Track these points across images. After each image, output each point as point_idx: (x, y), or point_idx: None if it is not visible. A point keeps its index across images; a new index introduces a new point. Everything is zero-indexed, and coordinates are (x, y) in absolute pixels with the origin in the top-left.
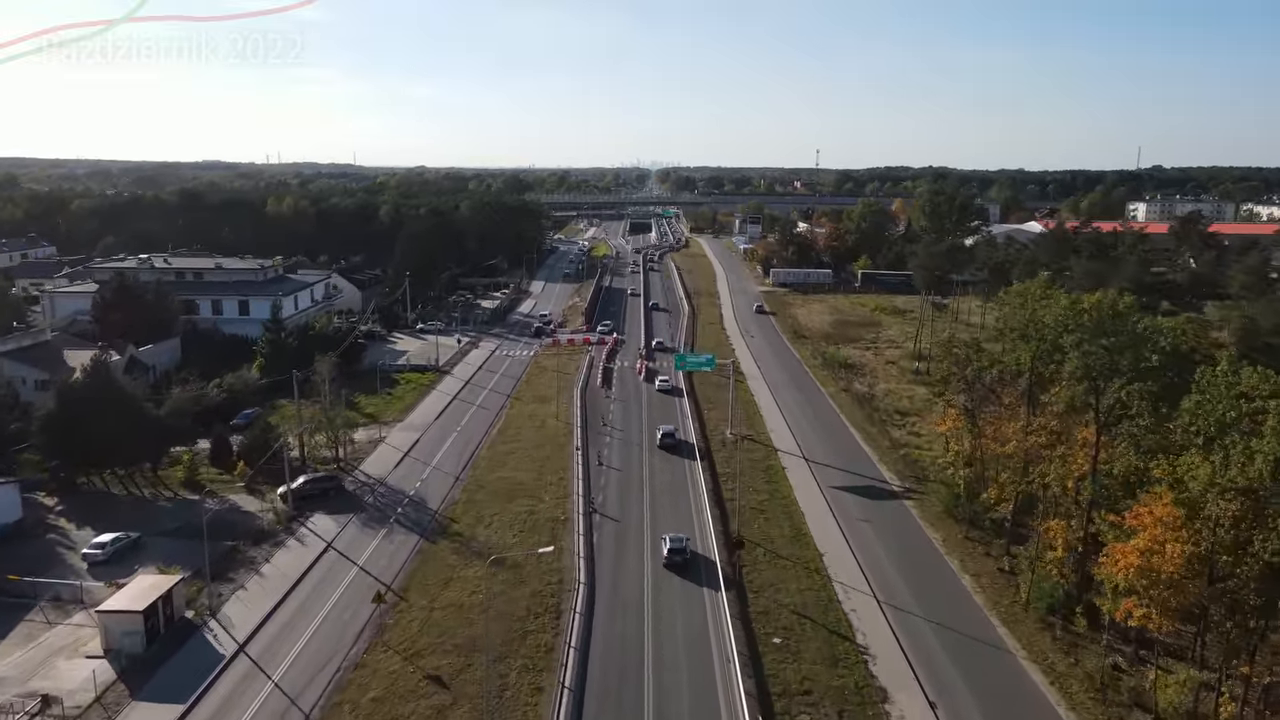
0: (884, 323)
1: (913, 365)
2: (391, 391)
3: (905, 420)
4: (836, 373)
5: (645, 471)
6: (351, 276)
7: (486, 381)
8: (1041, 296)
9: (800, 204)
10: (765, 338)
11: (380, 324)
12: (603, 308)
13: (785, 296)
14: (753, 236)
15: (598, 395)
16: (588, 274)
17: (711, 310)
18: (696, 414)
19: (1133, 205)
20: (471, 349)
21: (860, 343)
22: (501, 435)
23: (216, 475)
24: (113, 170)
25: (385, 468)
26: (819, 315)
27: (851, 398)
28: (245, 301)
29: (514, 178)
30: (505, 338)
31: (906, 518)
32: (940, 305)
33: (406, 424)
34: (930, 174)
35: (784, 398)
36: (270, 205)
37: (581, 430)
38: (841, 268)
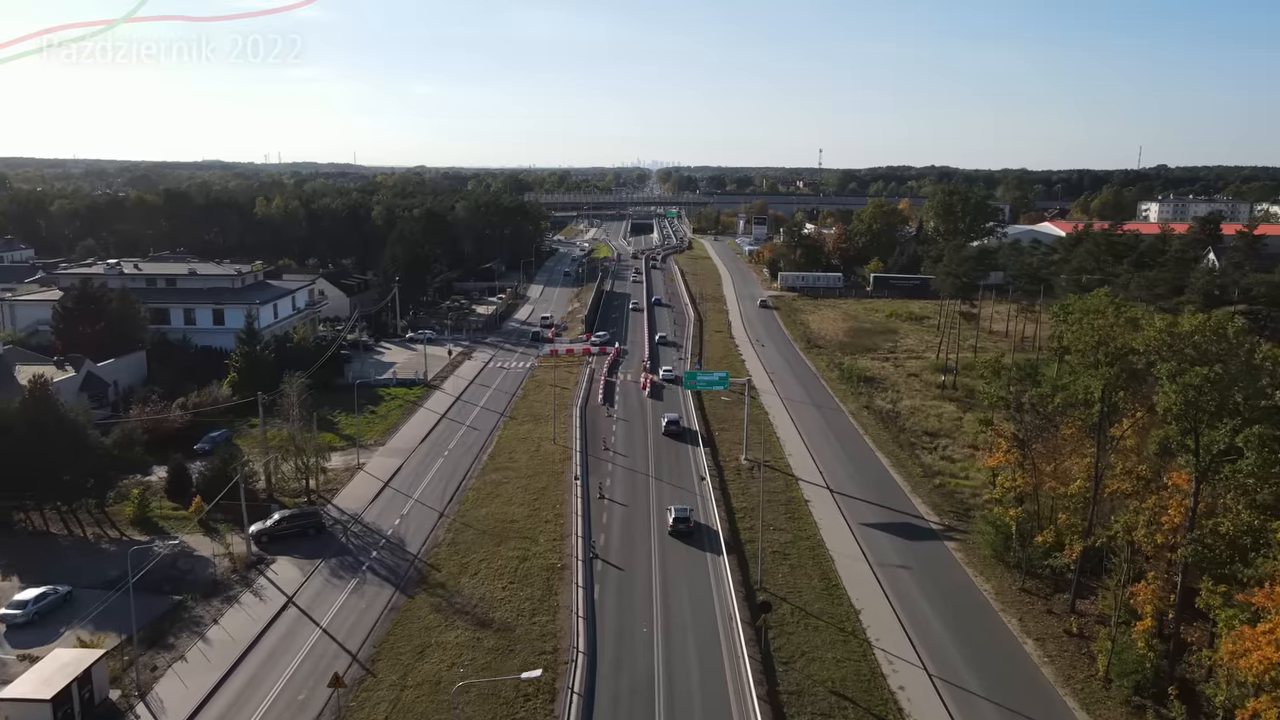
0: (901, 330)
1: (938, 378)
2: (375, 410)
3: (935, 442)
4: (856, 387)
5: (653, 505)
6: (339, 281)
7: (478, 398)
8: (1117, 316)
9: (804, 204)
10: (777, 348)
11: (368, 333)
12: (603, 314)
13: (795, 302)
14: (758, 238)
15: (598, 414)
16: (588, 277)
17: (718, 317)
18: (708, 439)
19: (1144, 205)
20: (464, 360)
21: (878, 353)
22: (493, 461)
23: (172, 510)
24: (109, 170)
25: (362, 500)
26: (832, 322)
27: (874, 416)
28: (220, 310)
29: (513, 177)
30: (501, 347)
31: (950, 563)
32: (971, 315)
33: (389, 448)
34: (934, 173)
35: (801, 416)
36: (259, 206)
37: (581, 455)
38: (851, 271)
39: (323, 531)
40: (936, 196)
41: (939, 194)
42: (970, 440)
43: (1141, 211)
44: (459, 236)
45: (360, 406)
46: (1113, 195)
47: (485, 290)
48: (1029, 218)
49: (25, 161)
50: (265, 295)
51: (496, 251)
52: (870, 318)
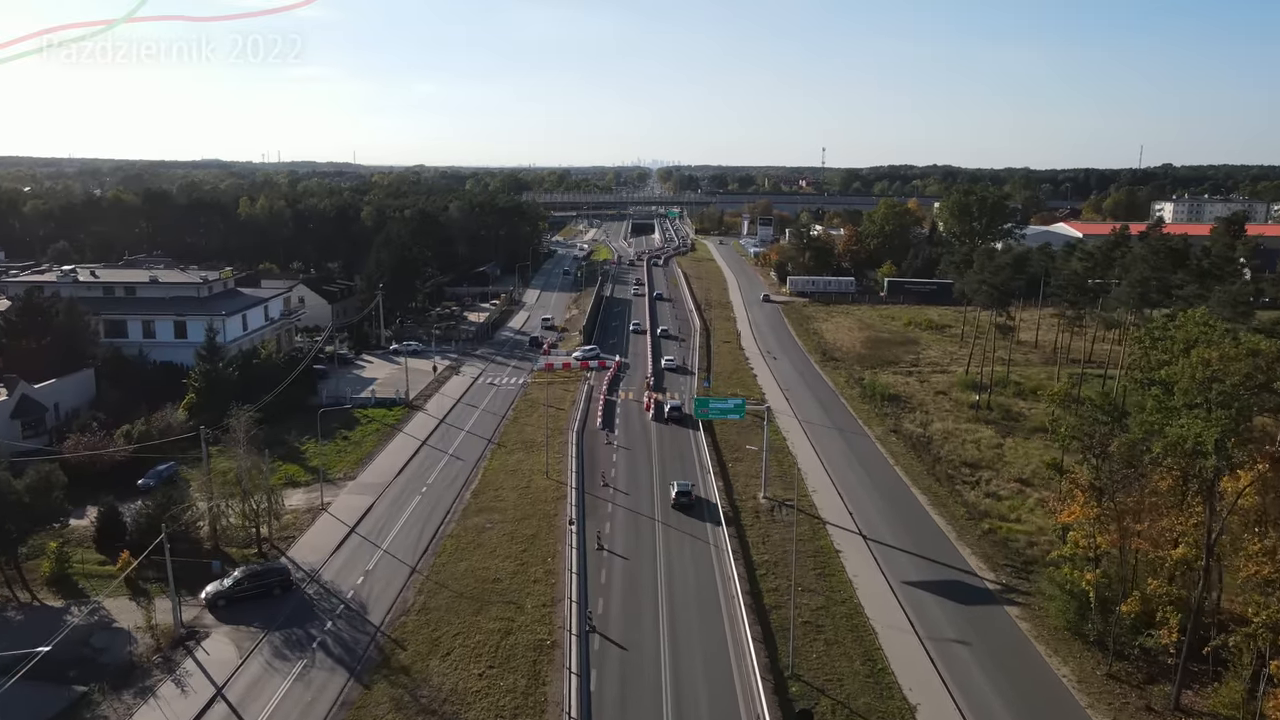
0: (922, 340)
1: (969, 397)
2: (348, 435)
3: (976, 475)
4: (880, 407)
5: (660, 559)
6: (320, 287)
7: (465, 420)
8: (1235, 346)
9: (809, 204)
10: (791, 360)
11: (349, 344)
12: (603, 322)
13: (806, 308)
14: (763, 239)
15: (597, 440)
16: (587, 281)
17: (725, 325)
18: (720, 469)
19: (1158, 205)
20: (451, 376)
21: (900, 366)
22: (476, 500)
23: (98, 566)
24: (103, 169)
25: (322, 551)
26: (847, 331)
27: (903, 442)
28: (182, 322)
29: (512, 177)
30: (492, 360)
31: (1015, 637)
32: (1007, 328)
33: (360, 482)
34: (936, 172)
35: (823, 443)
36: (242, 207)
37: (577, 493)
38: (863, 275)
39: (291, 589)
40: (952, 196)
41: (954, 194)
42: (1016, 472)
43: (1155, 212)
44: (453, 238)
45: (332, 431)
46: (1125, 195)
47: (479, 296)
48: (1041, 218)
49: (21, 160)
50: (234, 305)
51: (492, 254)
52: (888, 326)
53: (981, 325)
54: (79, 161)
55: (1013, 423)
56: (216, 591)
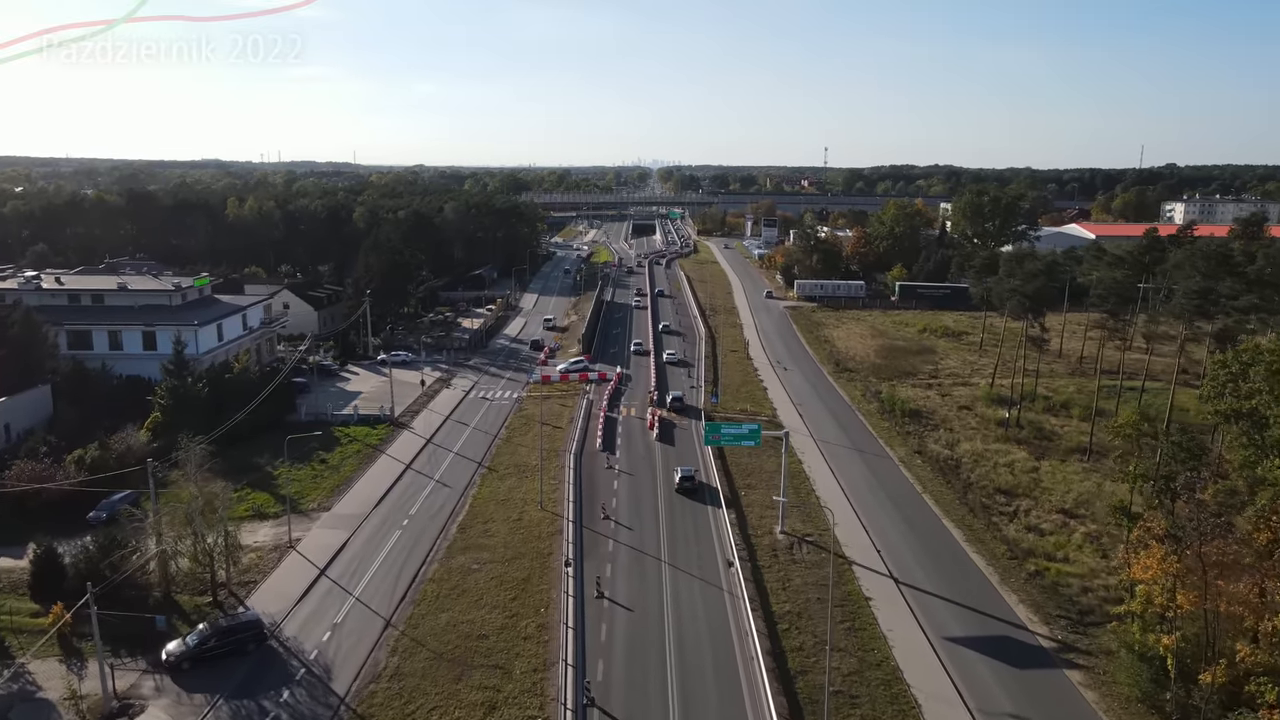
0: (939, 349)
1: (995, 413)
2: (326, 457)
3: (1013, 504)
4: (901, 424)
5: (668, 609)
6: (306, 293)
7: (454, 440)
8: None
9: (812, 204)
10: (802, 371)
11: (334, 354)
12: (604, 329)
13: (815, 314)
14: (768, 241)
15: (596, 464)
16: (586, 285)
17: (732, 332)
18: (732, 499)
19: (1169, 206)
20: (441, 389)
21: (918, 378)
22: (463, 535)
23: (31, 618)
24: (99, 169)
25: (287, 598)
26: (860, 339)
27: (930, 465)
28: (151, 332)
29: (511, 176)
30: (486, 371)
31: (1081, 711)
32: (1041, 341)
33: (335, 514)
34: (938, 172)
35: (842, 466)
36: (230, 208)
37: (574, 526)
38: (872, 278)
39: (265, 643)
40: (964, 197)
41: (966, 195)
42: (1057, 501)
43: (1166, 212)
44: (448, 240)
45: (309, 453)
46: (1134, 195)
47: (474, 300)
48: (1050, 219)
49: (18, 160)
50: (208, 314)
51: (489, 256)
52: (901, 333)
53: (1002, 333)
54: (76, 161)
55: (1046, 442)
56: (180, 652)
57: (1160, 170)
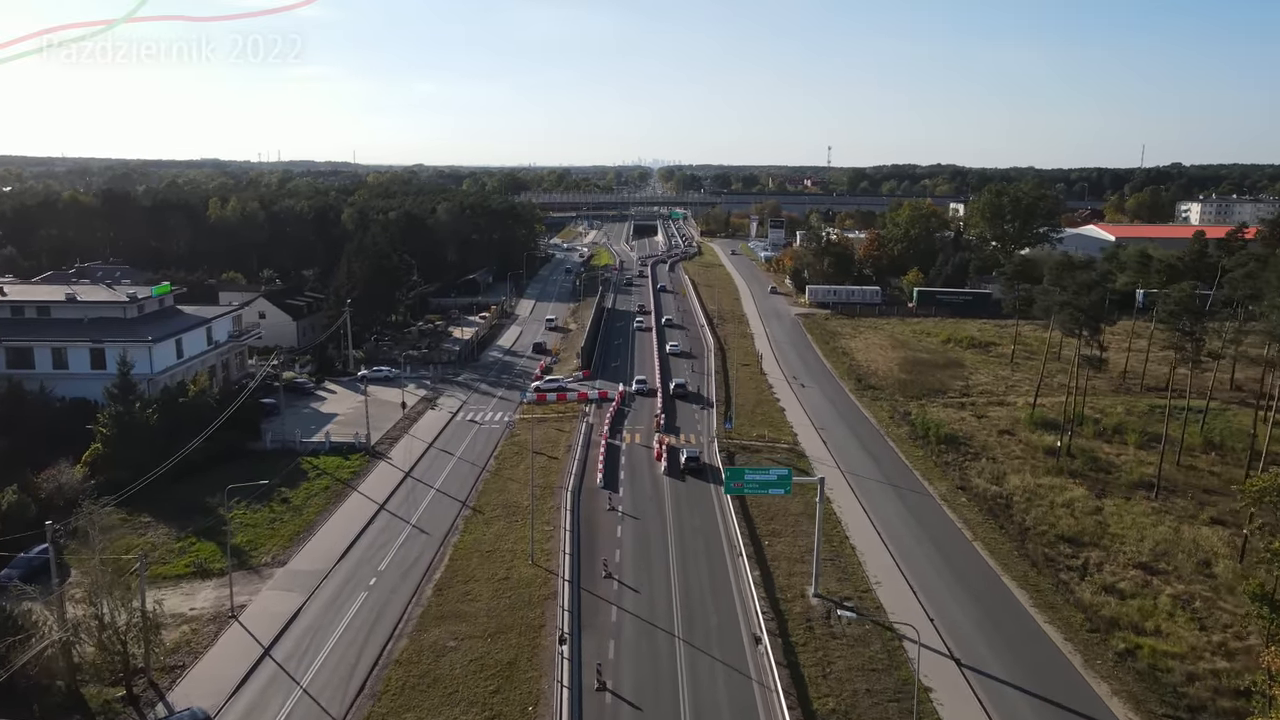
0: (967, 362)
1: (1039, 437)
2: (289, 496)
3: (1081, 555)
4: (937, 453)
5: (685, 707)
6: (284, 301)
7: (436, 472)
8: None
9: (817, 204)
10: (821, 387)
11: (311, 370)
12: (604, 339)
13: (829, 321)
14: (775, 243)
15: (597, 505)
16: (586, 290)
17: (743, 343)
18: (756, 552)
19: (1184, 206)
20: (426, 410)
21: (949, 395)
22: (439, 599)
23: None
24: (93, 168)
25: (219, 690)
26: (880, 351)
27: (976, 505)
28: (100, 349)
29: (510, 176)
30: (475, 388)
31: None
32: (1098, 361)
33: (291, 570)
34: (942, 172)
35: (876, 505)
36: (212, 209)
37: (571, 587)
38: (885, 283)
39: None
40: (983, 197)
41: (985, 194)
42: (1132, 553)
43: (1181, 212)
44: (441, 243)
45: (269, 490)
46: (1149, 195)
47: (466, 308)
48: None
49: (13, 160)
50: (167, 327)
51: (484, 260)
52: (924, 344)
53: (1034, 344)
54: (71, 161)
55: (1103, 475)
56: None
57: (1167, 170)
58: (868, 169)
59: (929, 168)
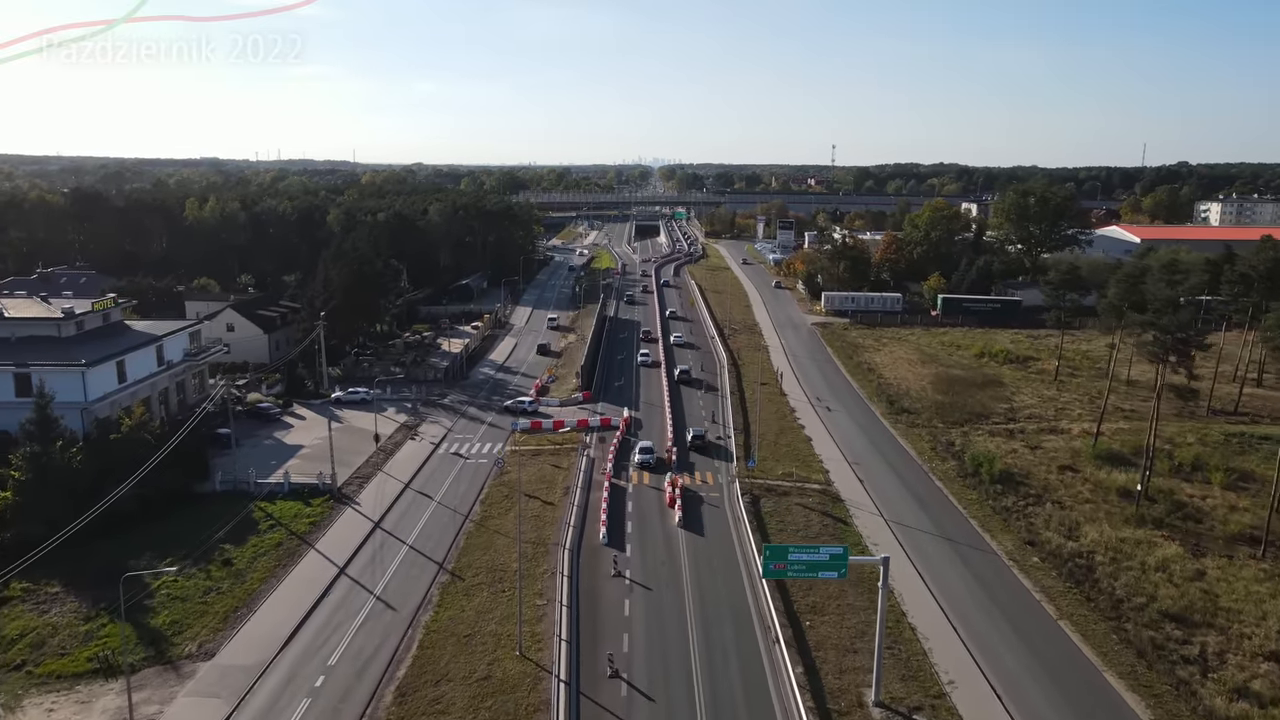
0: (1006, 380)
1: (1113, 479)
2: (233, 556)
3: (1193, 638)
4: (992, 494)
5: None
6: (255, 312)
7: (410, 523)
8: None
9: (823, 204)
10: (849, 410)
11: (279, 392)
12: (606, 354)
13: (849, 332)
14: (784, 245)
15: (600, 568)
16: (587, 296)
17: (758, 357)
18: (796, 637)
19: (1204, 206)
20: (405, 440)
21: (993, 421)
22: (403, 708)
23: None
24: (87, 167)
25: None
26: (909, 366)
27: (1052, 565)
28: (24, 374)
29: (509, 175)
30: (463, 412)
31: None
32: (1189, 393)
33: (219, 663)
34: (951, 171)
35: (933, 567)
36: (189, 209)
37: (569, 691)
38: (904, 288)
39: None
40: (1007, 198)
41: (1010, 195)
42: (1258, 639)
43: (1200, 212)
44: (434, 245)
45: (212, 548)
46: (1166, 195)
47: (457, 316)
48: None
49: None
50: (107, 347)
51: (479, 263)
52: (955, 359)
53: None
54: (65, 159)
55: (1193, 525)
56: None
57: (1174, 168)
58: (871, 168)
59: (931, 166)
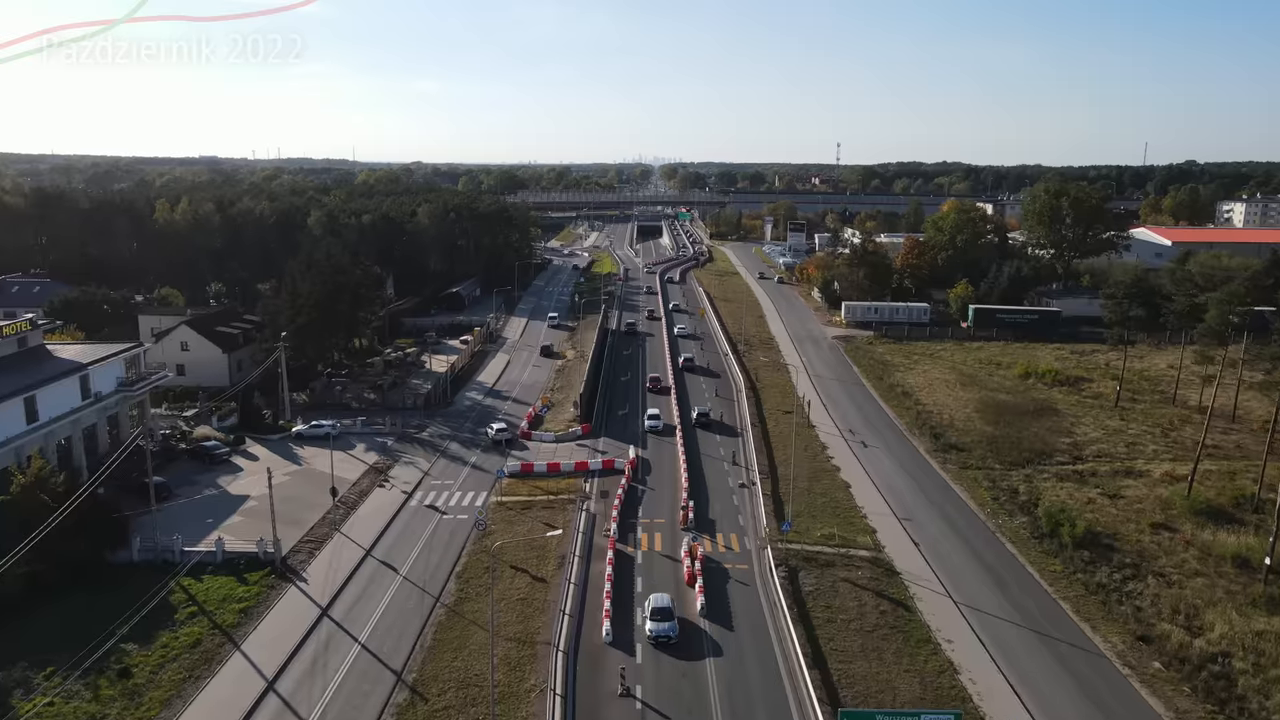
0: (1059, 405)
1: (1221, 541)
2: (131, 668)
3: None
4: (1078, 564)
5: None
6: (214, 329)
7: (367, 609)
8: None
9: (831, 203)
10: (888, 446)
11: (231, 427)
12: (608, 378)
13: (875, 347)
14: (796, 249)
15: (603, 682)
16: (586, 306)
17: (778, 379)
18: None
19: (1226, 206)
20: (372, 488)
21: (1057, 460)
22: None
23: None
24: (78, 165)
25: None
26: (947, 389)
27: (1182, 676)
28: None
29: (508, 174)
30: (444, 450)
31: None
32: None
33: None
34: (959, 170)
35: (1030, 682)
36: (159, 212)
37: None
38: (927, 297)
39: None
40: (1038, 199)
41: (1040, 195)
42: None
43: (1223, 213)
44: (424, 250)
45: (103, 660)
46: (1188, 194)
47: (444, 329)
48: None
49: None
50: (13, 381)
51: (471, 269)
52: (997, 379)
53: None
54: (60, 158)
55: None
56: None
57: (1183, 167)
58: (875, 167)
59: (934, 165)
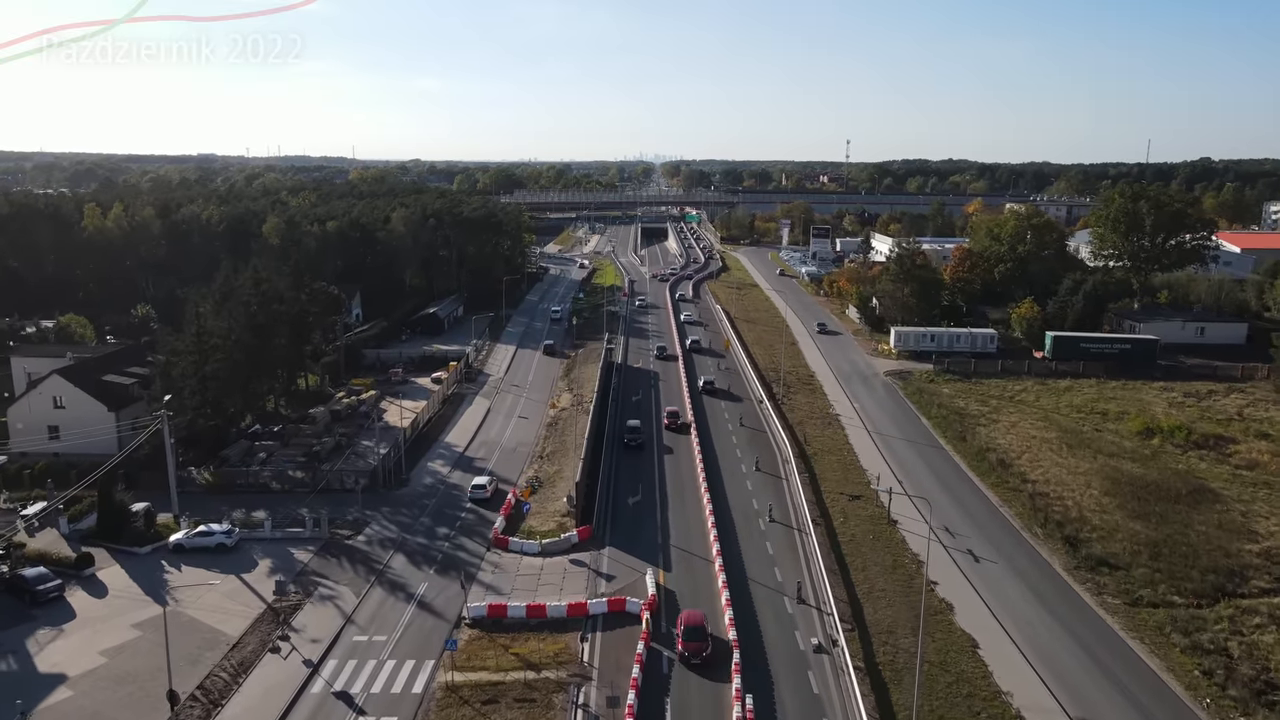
0: (1211, 480)
1: None
2: None
3: None
4: None
5: None
6: (102, 379)
7: None
8: None
9: (846, 204)
10: (1011, 562)
11: (94, 524)
12: (613, 441)
13: (940, 387)
14: (821, 257)
15: None
16: (587, 330)
17: (830, 438)
18: None
19: (1274, 206)
20: (257, 657)
21: (1252, 586)
22: None
23: None
24: (62, 164)
25: None
26: (1054, 455)
27: None
28: None
29: (504, 172)
30: (382, 570)
31: None
32: None
33: None
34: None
35: None
36: (88, 218)
37: None
38: (981, 316)
39: None
40: (1114, 202)
41: (1116, 198)
42: None
43: (1271, 214)
44: (398, 261)
45: None
46: (1232, 194)
47: (414, 362)
48: None
49: None
50: None
51: (453, 283)
52: (1111, 438)
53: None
54: (48, 155)
55: None
56: None
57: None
58: (883, 164)
59: (941, 163)
